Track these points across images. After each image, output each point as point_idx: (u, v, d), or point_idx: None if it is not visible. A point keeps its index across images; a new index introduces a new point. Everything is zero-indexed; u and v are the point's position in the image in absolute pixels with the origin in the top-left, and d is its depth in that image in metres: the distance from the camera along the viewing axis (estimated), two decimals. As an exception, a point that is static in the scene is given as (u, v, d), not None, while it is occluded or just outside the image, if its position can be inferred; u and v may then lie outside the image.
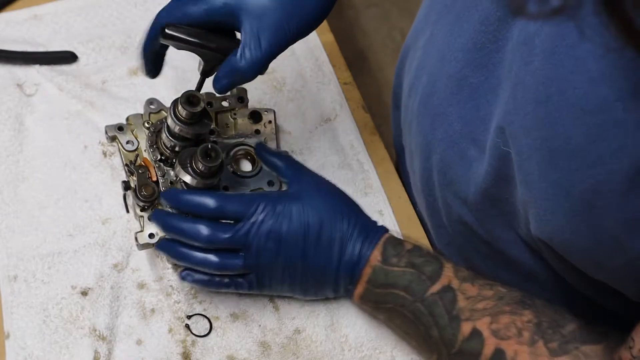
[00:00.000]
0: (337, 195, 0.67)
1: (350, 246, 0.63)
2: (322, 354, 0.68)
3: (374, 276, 0.63)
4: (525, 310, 0.58)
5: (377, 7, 1.96)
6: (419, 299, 0.61)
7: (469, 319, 0.59)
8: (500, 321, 0.58)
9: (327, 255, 0.63)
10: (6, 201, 0.74)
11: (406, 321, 0.62)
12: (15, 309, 0.68)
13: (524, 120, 0.50)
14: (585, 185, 0.46)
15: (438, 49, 0.65)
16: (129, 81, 0.84)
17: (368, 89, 1.89)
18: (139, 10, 0.90)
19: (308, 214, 0.63)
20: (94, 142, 0.79)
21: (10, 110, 0.80)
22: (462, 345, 0.59)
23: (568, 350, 0.55)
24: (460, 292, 0.60)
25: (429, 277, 0.61)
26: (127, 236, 0.73)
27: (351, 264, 0.63)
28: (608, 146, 0.44)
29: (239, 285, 0.65)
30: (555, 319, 0.57)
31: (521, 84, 0.51)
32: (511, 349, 0.56)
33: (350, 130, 0.83)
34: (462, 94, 0.60)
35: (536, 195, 0.51)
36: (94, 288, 0.70)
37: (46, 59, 0.84)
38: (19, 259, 0.71)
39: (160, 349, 0.67)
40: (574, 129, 0.46)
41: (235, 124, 0.77)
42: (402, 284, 0.62)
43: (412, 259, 0.62)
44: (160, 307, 0.69)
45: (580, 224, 0.48)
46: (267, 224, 0.62)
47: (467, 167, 0.62)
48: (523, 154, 0.51)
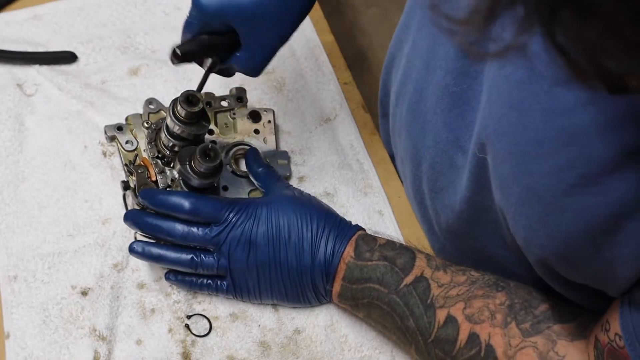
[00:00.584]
0: (308, 200, 0.68)
1: (322, 245, 0.65)
2: (322, 354, 0.68)
3: (348, 273, 0.64)
4: (498, 293, 0.59)
5: (377, 7, 1.96)
6: (393, 290, 0.62)
7: (443, 306, 0.60)
8: (474, 305, 0.59)
9: (299, 255, 0.65)
10: (6, 201, 0.74)
11: (383, 314, 0.63)
12: (15, 309, 0.68)
13: (497, 125, 0.51)
14: (557, 189, 0.46)
15: (422, 58, 0.65)
16: (129, 81, 0.84)
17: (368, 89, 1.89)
18: (139, 10, 0.90)
19: (277, 216, 0.65)
20: (94, 142, 0.79)
21: (10, 110, 0.80)
22: (437, 332, 0.60)
23: (540, 330, 0.56)
24: (433, 280, 0.61)
25: (402, 269, 0.62)
26: (127, 236, 0.73)
27: (325, 263, 0.65)
28: (577, 150, 0.44)
29: (218, 287, 0.67)
30: (527, 300, 0.58)
31: (495, 89, 0.51)
32: (485, 332, 0.57)
33: (350, 130, 0.83)
34: (447, 102, 0.61)
35: (510, 200, 0.51)
36: (94, 288, 0.70)
37: (46, 59, 0.84)
38: (19, 259, 0.71)
39: (160, 349, 0.67)
40: (545, 132, 0.46)
41: (235, 124, 0.77)
42: (376, 276, 0.63)
43: (385, 252, 0.64)
44: (160, 307, 0.69)
45: (554, 228, 0.48)
46: (238, 228, 0.65)
47: (455, 175, 0.63)
48: (497, 158, 0.52)
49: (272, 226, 0.65)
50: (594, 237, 0.46)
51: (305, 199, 0.68)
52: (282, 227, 0.65)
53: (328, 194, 0.77)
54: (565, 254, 0.49)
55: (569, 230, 0.47)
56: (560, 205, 0.46)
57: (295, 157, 0.80)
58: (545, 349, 0.55)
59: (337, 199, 0.77)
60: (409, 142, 0.70)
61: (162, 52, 0.86)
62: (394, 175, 0.81)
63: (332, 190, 0.78)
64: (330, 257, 0.65)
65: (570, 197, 0.46)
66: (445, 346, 0.59)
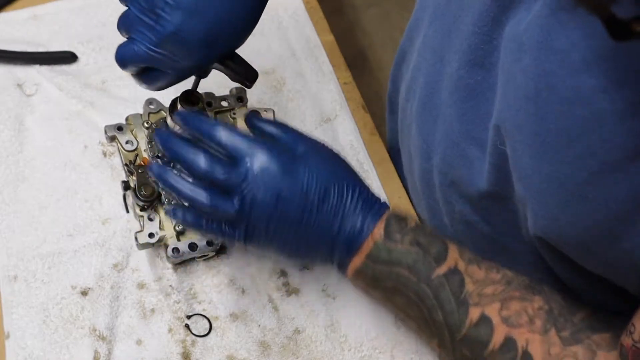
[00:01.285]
0: (343, 164, 0.63)
1: (352, 217, 0.60)
2: (322, 354, 0.68)
3: (375, 252, 0.60)
4: (536, 296, 0.56)
5: (377, 7, 1.96)
6: (424, 280, 0.58)
7: (478, 304, 0.57)
8: (511, 307, 0.56)
9: (326, 223, 0.59)
10: (6, 201, 0.74)
11: (409, 302, 0.60)
12: (15, 309, 0.68)
13: (515, 117, 0.51)
14: (577, 177, 0.46)
15: (434, 51, 0.65)
16: (129, 81, 0.83)
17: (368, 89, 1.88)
18: (139, 10, 0.90)
19: (314, 178, 0.58)
20: (94, 142, 0.79)
21: (10, 110, 0.80)
22: (469, 331, 0.57)
23: (580, 340, 0.54)
24: (468, 275, 0.58)
25: (435, 258, 0.59)
26: (127, 236, 0.73)
27: (351, 236, 0.60)
28: (598, 137, 0.44)
29: (226, 233, 0.60)
30: (564, 306, 0.56)
31: (512, 82, 0.51)
32: (523, 338, 0.55)
33: (350, 130, 0.83)
34: (460, 94, 0.60)
35: (531, 190, 0.51)
36: (94, 288, 0.70)
37: (46, 59, 0.84)
38: (19, 259, 0.71)
39: (160, 349, 0.67)
40: (564, 122, 0.46)
41: (235, 124, 0.77)
42: (407, 262, 0.59)
43: (417, 238, 0.60)
44: (160, 307, 0.69)
45: (574, 217, 0.48)
46: (268, 174, 0.58)
47: (468, 167, 0.62)
48: (517, 150, 0.51)
49: (305, 185, 0.58)
50: (615, 225, 0.45)
51: (340, 162, 0.63)
52: (317, 189, 0.58)
53: (328, 194, 0.77)
54: (586, 243, 0.48)
55: (590, 219, 0.46)
56: (582, 193, 0.46)
57: (295, 157, 0.80)
58: (586, 359, 0.53)
59: (337, 199, 0.77)
60: (419, 136, 0.69)
61: (162, 52, 0.86)
62: (394, 175, 0.81)
63: (332, 190, 0.78)
64: (358, 232, 0.60)
65: (591, 185, 0.45)
66: (476, 347, 0.57)
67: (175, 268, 0.71)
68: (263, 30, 0.90)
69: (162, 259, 0.72)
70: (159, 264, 0.72)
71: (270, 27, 0.90)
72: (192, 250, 0.69)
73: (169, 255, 0.69)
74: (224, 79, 0.67)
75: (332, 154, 0.63)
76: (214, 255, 0.72)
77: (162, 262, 0.72)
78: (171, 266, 0.71)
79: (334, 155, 0.63)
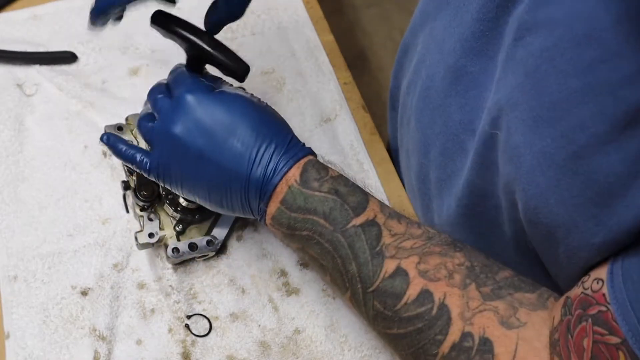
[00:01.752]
0: (267, 113, 0.62)
1: (265, 158, 0.59)
2: (322, 354, 0.68)
3: (290, 197, 0.59)
4: (457, 253, 0.56)
5: (377, 7, 1.96)
6: (339, 229, 0.57)
7: (394, 256, 0.55)
8: (430, 262, 0.55)
9: (234, 160, 0.59)
10: (6, 201, 0.74)
11: (322, 251, 0.59)
12: (15, 309, 0.68)
13: (512, 94, 0.51)
14: (567, 151, 0.46)
15: (437, 42, 0.65)
16: (129, 81, 0.84)
17: (368, 89, 1.89)
18: (139, 10, 0.90)
19: (221, 109, 0.59)
20: (94, 142, 0.79)
21: (10, 110, 0.80)
22: (382, 283, 0.55)
23: (502, 296, 0.53)
24: (386, 228, 0.57)
25: (353, 208, 0.57)
26: (127, 236, 0.73)
27: (264, 179, 0.59)
28: (590, 110, 0.44)
29: (141, 164, 0.63)
30: (487, 264, 0.55)
31: (512, 60, 0.51)
32: (440, 291, 0.53)
33: (350, 130, 0.83)
34: (461, 84, 0.60)
35: (522, 170, 0.50)
36: (94, 288, 0.70)
37: (46, 59, 0.84)
38: (19, 259, 0.71)
39: (160, 349, 0.67)
40: (559, 95, 0.46)
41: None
42: (322, 210, 0.58)
43: (336, 186, 0.59)
44: (160, 307, 0.69)
45: (565, 194, 0.47)
46: (178, 105, 0.60)
47: (464, 160, 0.62)
48: (510, 128, 0.51)
49: (211, 118, 0.59)
50: (605, 200, 0.45)
51: (262, 106, 0.62)
52: (223, 123, 0.59)
53: (328, 194, 0.77)
54: (574, 224, 0.48)
55: (580, 195, 0.46)
56: (572, 167, 0.46)
57: (295, 157, 0.80)
58: (507, 314, 0.51)
59: (337, 199, 0.77)
60: (418, 130, 0.69)
61: (162, 52, 0.86)
62: (394, 175, 0.81)
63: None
64: (271, 175, 0.58)
65: (582, 158, 0.45)
66: (388, 299, 0.55)
67: (175, 268, 0.71)
68: (263, 30, 0.90)
69: (162, 259, 0.72)
70: (159, 264, 0.72)
71: (270, 27, 0.90)
72: (192, 250, 0.69)
73: (169, 255, 0.69)
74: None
75: (259, 102, 0.62)
76: (214, 255, 0.72)
77: (162, 262, 0.72)
78: (171, 266, 0.71)
79: (260, 105, 0.62)
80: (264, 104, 0.63)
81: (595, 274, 0.47)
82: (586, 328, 0.45)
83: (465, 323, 0.52)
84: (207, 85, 0.62)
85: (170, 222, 0.70)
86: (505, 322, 0.51)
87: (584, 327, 0.46)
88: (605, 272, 0.45)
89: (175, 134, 0.60)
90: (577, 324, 0.46)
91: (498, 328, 0.51)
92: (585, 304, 0.46)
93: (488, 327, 0.51)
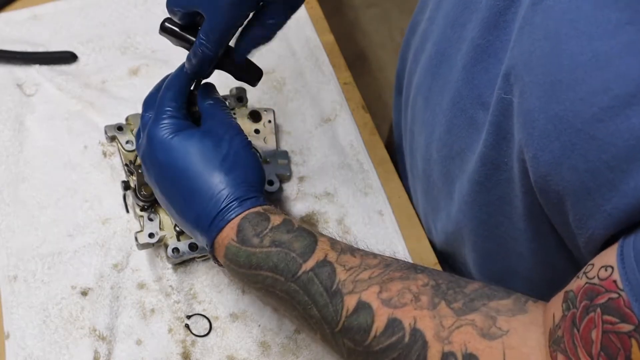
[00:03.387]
0: (229, 151, 0.62)
1: (202, 211, 0.60)
2: (322, 354, 0.68)
3: (232, 255, 0.59)
4: (419, 275, 0.54)
5: (377, 7, 1.96)
6: (290, 278, 0.56)
7: (352, 291, 0.54)
8: (392, 289, 0.53)
9: (180, 208, 0.61)
10: (6, 201, 0.74)
11: (282, 301, 0.58)
12: (15, 309, 0.68)
13: (529, 59, 0.50)
14: (586, 114, 0.45)
15: (447, 17, 0.64)
16: (129, 81, 0.84)
17: (368, 89, 1.89)
18: (139, 10, 0.90)
19: (175, 158, 0.61)
20: (94, 142, 0.79)
21: (10, 110, 0.80)
22: (347, 320, 0.54)
23: (476, 308, 0.51)
24: (339, 264, 0.56)
25: (300, 255, 0.56)
26: (127, 236, 0.73)
27: (206, 231, 0.60)
28: (614, 71, 0.44)
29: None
30: (452, 280, 0.54)
31: (528, 25, 0.50)
32: (409, 316, 0.52)
33: (350, 130, 0.83)
34: (472, 56, 0.59)
35: (535, 135, 0.49)
36: (94, 288, 0.70)
37: (46, 59, 0.84)
38: (19, 259, 0.71)
39: (160, 349, 0.67)
40: (581, 57, 0.45)
41: (235, 124, 0.77)
42: (268, 265, 0.57)
43: (277, 237, 0.58)
44: (160, 307, 0.69)
45: (579, 159, 0.46)
46: (146, 142, 0.63)
47: (475, 135, 0.60)
48: (525, 92, 0.50)
49: (165, 161, 0.61)
50: (619, 165, 0.44)
51: (217, 158, 0.61)
52: (171, 171, 0.61)
53: (328, 194, 0.77)
54: (586, 190, 0.46)
55: (595, 159, 0.45)
56: (590, 131, 0.45)
57: (295, 157, 0.80)
58: (486, 325, 0.50)
59: (337, 199, 0.77)
60: (426, 108, 0.68)
61: (162, 52, 0.86)
62: (394, 175, 0.81)
63: (332, 190, 0.78)
64: (208, 231, 0.60)
65: (601, 121, 0.44)
66: (356, 335, 0.53)
67: (175, 268, 0.71)
68: (263, 30, 0.90)
69: (162, 259, 0.72)
70: (159, 264, 0.72)
71: (270, 27, 0.90)
72: (192, 250, 0.69)
73: (169, 255, 0.69)
74: (225, 79, 0.67)
75: (213, 158, 0.61)
76: (214, 255, 0.72)
77: (162, 262, 0.72)
78: (171, 266, 0.71)
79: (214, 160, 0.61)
80: (227, 151, 0.62)
81: (600, 261, 0.46)
82: (594, 319, 0.44)
83: (443, 343, 0.50)
84: (175, 123, 0.63)
85: (170, 222, 0.70)
86: (486, 333, 0.50)
87: (592, 317, 0.44)
88: (614, 258, 0.44)
89: (143, 160, 0.64)
90: (583, 316, 0.45)
91: (480, 341, 0.50)
92: (591, 294, 0.45)
93: (469, 342, 0.50)
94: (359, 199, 0.78)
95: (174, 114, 0.63)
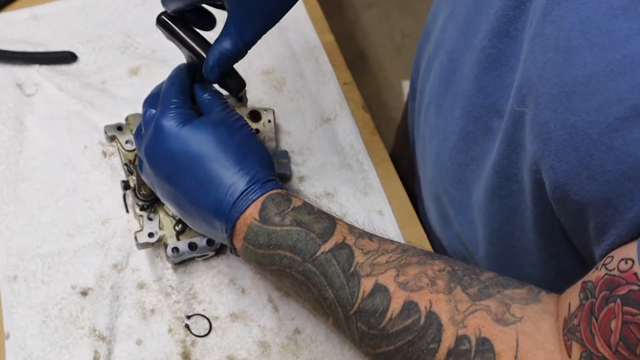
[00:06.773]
0: (233, 145, 0.62)
1: (223, 195, 0.59)
2: (322, 354, 0.68)
3: (252, 235, 0.59)
4: (436, 260, 0.55)
5: (377, 7, 1.96)
6: (309, 259, 0.56)
7: (370, 274, 0.55)
8: (408, 273, 0.54)
9: (195, 196, 0.61)
10: (6, 201, 0.74)
11: (296, 283, 0.58)
12: (15, 309, 0.68)
13: (542, 70, 0.50)
14: (602, 124, 0.45)
15: (459, 26, 0.64)
16: (129, 81, 0.84)
17: (368, 89, 1.89)
18: (139, 10, 0.90)
19: (185, 146, 0.61)
20: (94, 142, 0.79)
21: (10, 110, 0.80)
22: (362, 303, 0.54)
23: (490, 294, 0.52)
24: (358, 247, 0.56)
25: (320, 235, 0.57)
26: (127, 236, 0.73)
27: (224, 215, 0.60)
28: (628, 81, 0.44)
29: (140, 169, 0.67)
30: (468, 268, 0.54)
31: (540, 36, 0.50)
32: (425, 299, 0.52)
33: (350, 130, 0.83)
34: (484, 65, 0.59)
35: (551, 146, 0.49)
36: (94, 288, 0.70)
37: (46, 59, 0.84)
38: (19, 259, 0.71)
39: (160, 349, 0.67)
40: (594, 68, 0.45)
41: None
42: (288, 244, 0.57)
43: (299, 217, 0.58)
44: (160, 307, 0.69)
45: (597, 169, 0.46)
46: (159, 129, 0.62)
47: (490, 142, 0.60)
48: (539, 104, 0.50)
49: (177, 151, 0.61)
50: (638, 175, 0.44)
51: (232, 142, 0.62)
52: (185, 159, 0.60)
53: (328, 194, 0.77)
54: (606, 199, 0.47)
55: (614, 169, 0.45)
56: (607, 142, 0.45)
57: (295, 157, 0.80)
58: (500, 311, 0.51)
59: (337, 199, 0.77)
60: (439, 116, 0.68)
61: (162, 52, 0.86)
62: (394, 175, 0.81)
63: (332, 190, 0.78)
64: (230, 212, 0.59)
65: (617, 131, 0.44)
66: (371, 318, 0.54)
67: (175, 268, 0.71)
68: (263, 30, 0.90)
69: (162, 259, 0.72)
70: (159, 264, 0.72)
71: (270, 27, 0.90)
72: (192, 249, 0.69)
73: (169, 255, 0.69)
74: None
75: (228, 141, 0.62)
76: (214, 255, 0.72)
77: (162, 262, 0.72)
78: (171, 266, 0.72)
79: (229, 142, 0.62)
80: (239, 137, 0.62)
81: (620, 254, 0.46)
82: (614, 309, 0.44)
83: (457, 327, 0.51)
84: (184, 113, 0.62)
85: (170, 221, 0.70)
86: (501, 319, 0.51)
87: (611, 308, 0.44)
88: (635, 251, 0.44)
89: (148, 156, 0.63)
90: (603, 306, 0.45)
91: (494, 326, 0.50)
92: (611, 285, 0.45)
93: (483, 327, 0.51)
94: (359, 199, 0.78)
95: (181, 105, 0.63)
